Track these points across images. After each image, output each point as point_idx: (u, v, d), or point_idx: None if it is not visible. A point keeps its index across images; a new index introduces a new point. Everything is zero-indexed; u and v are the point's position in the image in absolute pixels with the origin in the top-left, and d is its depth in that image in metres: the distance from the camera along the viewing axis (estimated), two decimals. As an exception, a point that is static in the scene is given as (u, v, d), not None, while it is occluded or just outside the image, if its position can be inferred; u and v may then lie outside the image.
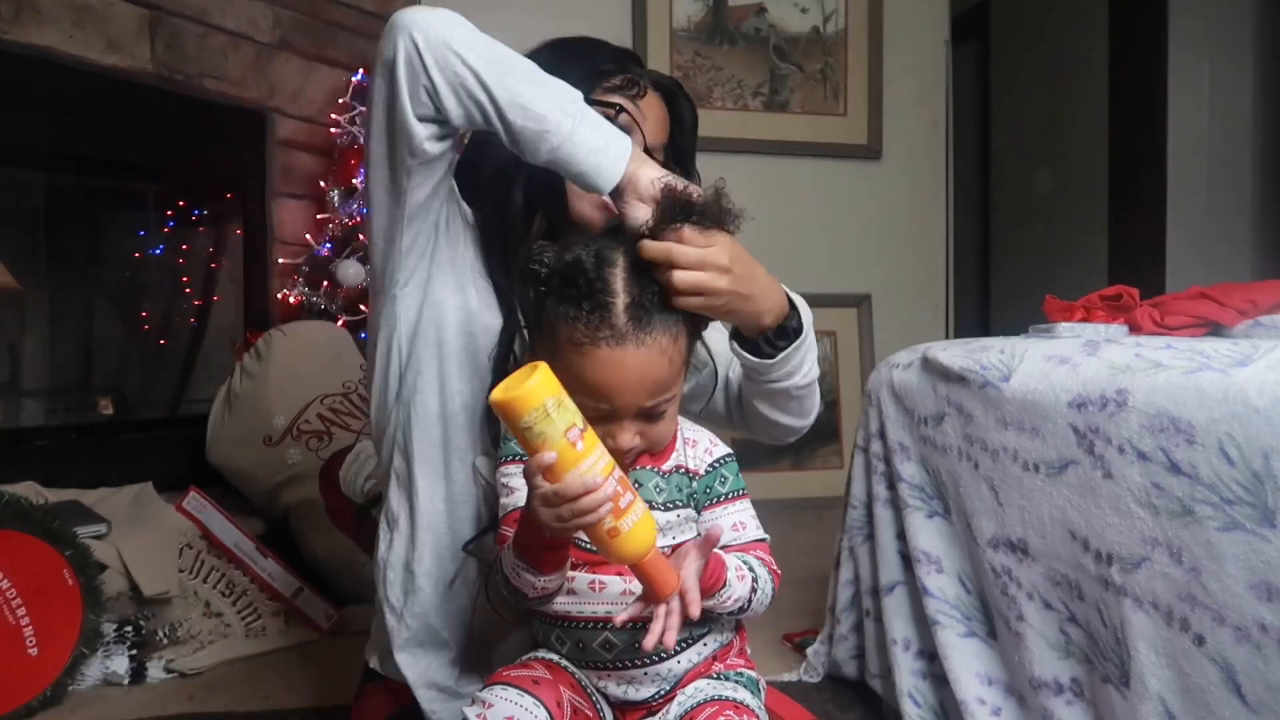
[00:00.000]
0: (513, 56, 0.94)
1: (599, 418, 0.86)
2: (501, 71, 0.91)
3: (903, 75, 3.29)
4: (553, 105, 0.91)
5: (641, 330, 0.85)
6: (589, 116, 0.93)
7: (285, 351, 2.11)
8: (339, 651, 1.78)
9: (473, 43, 0.91)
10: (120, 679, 1.63)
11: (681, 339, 0.89)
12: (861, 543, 1.59)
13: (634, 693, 0.91)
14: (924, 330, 3.17)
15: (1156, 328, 1.33)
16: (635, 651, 0.89)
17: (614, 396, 0.85)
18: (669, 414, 0.91)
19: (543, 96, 0.91)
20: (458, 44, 0.90)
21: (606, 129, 0.94)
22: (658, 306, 0.87)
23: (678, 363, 0.89)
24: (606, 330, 0.84)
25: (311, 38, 2.52)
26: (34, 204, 2.26)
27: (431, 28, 0.90)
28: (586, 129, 0.92)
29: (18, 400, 2.26)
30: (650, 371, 0.85)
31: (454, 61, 0.90)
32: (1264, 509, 0.91)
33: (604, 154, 0.92)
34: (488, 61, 0.91)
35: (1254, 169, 3.45)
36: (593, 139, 0.92)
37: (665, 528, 0.91)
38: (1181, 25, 3.37)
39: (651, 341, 0.85)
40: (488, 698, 0.85)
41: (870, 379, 1.58)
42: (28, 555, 1.51)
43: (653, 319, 0.86)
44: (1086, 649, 1.14)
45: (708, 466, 0.95)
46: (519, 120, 0.91)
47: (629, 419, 0.87)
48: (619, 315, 0.85)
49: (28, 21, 1.92)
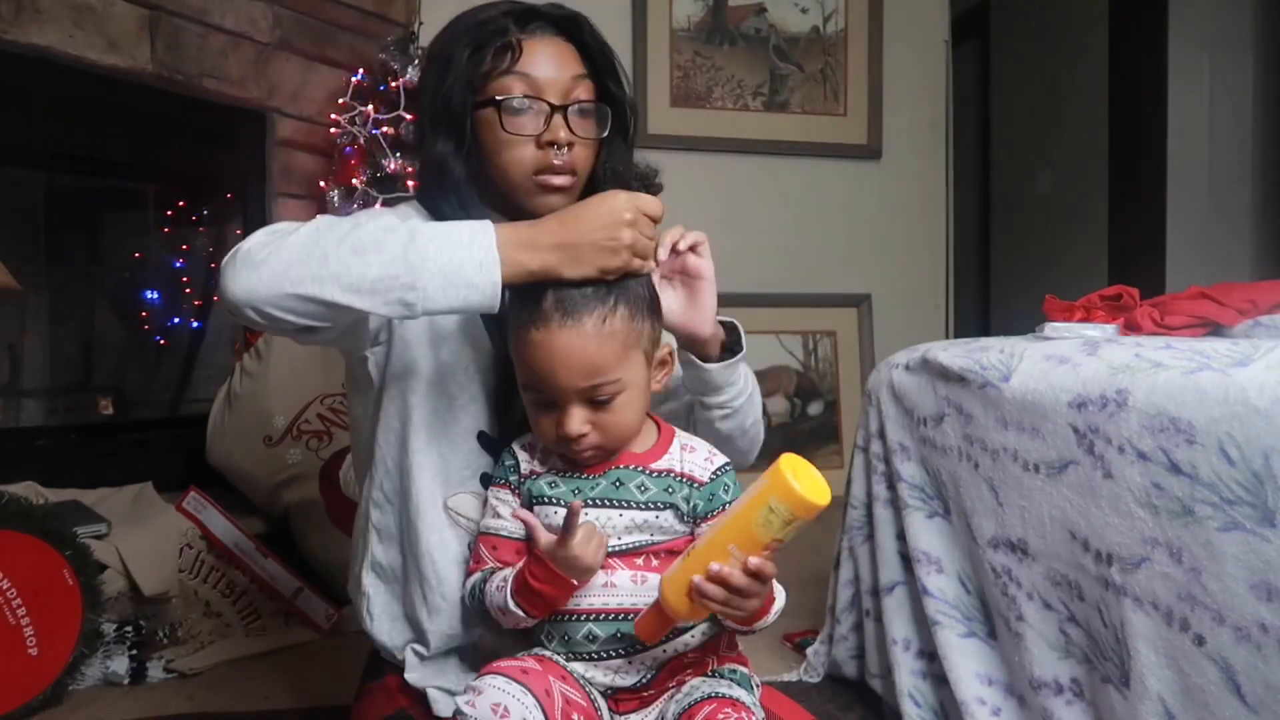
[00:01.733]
0: (321, 241, 0.85)
1: (546, 404, 0.90)
2: (321, 267, 0.84)
3: (903, 75, 3.29)
4: (385, 260, 0.84)
5: (565, 314, 0.87)
6: (424, 243, 0.86)
7: (285, 351, 2.11)
8: (339, 651, 1.78)
9: (282, 273, 0.84)
10: (120, 679, 1.63)
11: (616, 324, 0.89)
12: (861, 543, 1.59)
13: (621, 680, 0.93)
14: (924, 330, 3.17)
15: (1156, 328, 1.33)
16: (619, 641, 0.91)
17: (547, 380, 0.88)
18: (620, 404, 0.90)
19: (368, 263, 0.84)
20: (267, 288, 0.84)
21: (450, 236, 0.87)
22: (587, 293, 0.88)
23: (611, 348, 0.89)
24: (537, 314, 0.88)
25: (311, 38, 2.52)
26: (34, 204, 2.26)
27: (239, 293, 0.84)
28: (428, 260, 0.85)
29: (18, 400, 2.26)
30: (575, 352, 0.87)
31: (283, 299, 0.84)
32: (1264, 509, 0.91)
33: (465, 281, 0.85)
34: (306, 267, 0.84)
35: (1254, 168, 3.45)
36: (440, 256, 0.85)
37: (642, 526, 0.92)
38: (1182, 25, 3.37)
39: (574, 324, 0.87)
40: (478, 685, 0.86)
41: (870, 379, 1.58)
42: (28, 555, 1.51)
43: (578, 302, 0.88)
44: (1086, 649, 1.14)
45: (711, 475, 0.95)
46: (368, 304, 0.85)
47: (573, 405, 0.89)
48: (547, 299, 0.88)
49: (28, 21, 1.92)
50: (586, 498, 0.92)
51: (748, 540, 0.80)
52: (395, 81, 2.38)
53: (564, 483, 0.94)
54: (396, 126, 2.36)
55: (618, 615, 0.90)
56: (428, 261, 0.84)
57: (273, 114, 2.45)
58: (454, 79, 1.02)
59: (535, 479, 0.95)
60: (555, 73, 1.03)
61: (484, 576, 0.95)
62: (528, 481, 0.96)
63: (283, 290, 0.83)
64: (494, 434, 1.04)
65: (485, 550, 0.97)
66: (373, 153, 2.36)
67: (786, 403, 3.19)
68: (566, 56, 1.04)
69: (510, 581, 0.91)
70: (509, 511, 0.96)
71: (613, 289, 0.90)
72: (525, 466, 0.97)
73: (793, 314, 3.18)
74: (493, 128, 1.02)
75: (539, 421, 0.93)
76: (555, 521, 0.91)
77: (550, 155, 1.02)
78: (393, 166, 2.32)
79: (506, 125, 1.01)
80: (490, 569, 0.95)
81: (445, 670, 1.07)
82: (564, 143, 1.02)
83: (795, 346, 3.22)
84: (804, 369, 3.22)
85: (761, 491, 0.80)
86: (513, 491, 0.97)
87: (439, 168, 1.03)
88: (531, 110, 1.01)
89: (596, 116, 1.06)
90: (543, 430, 0.93)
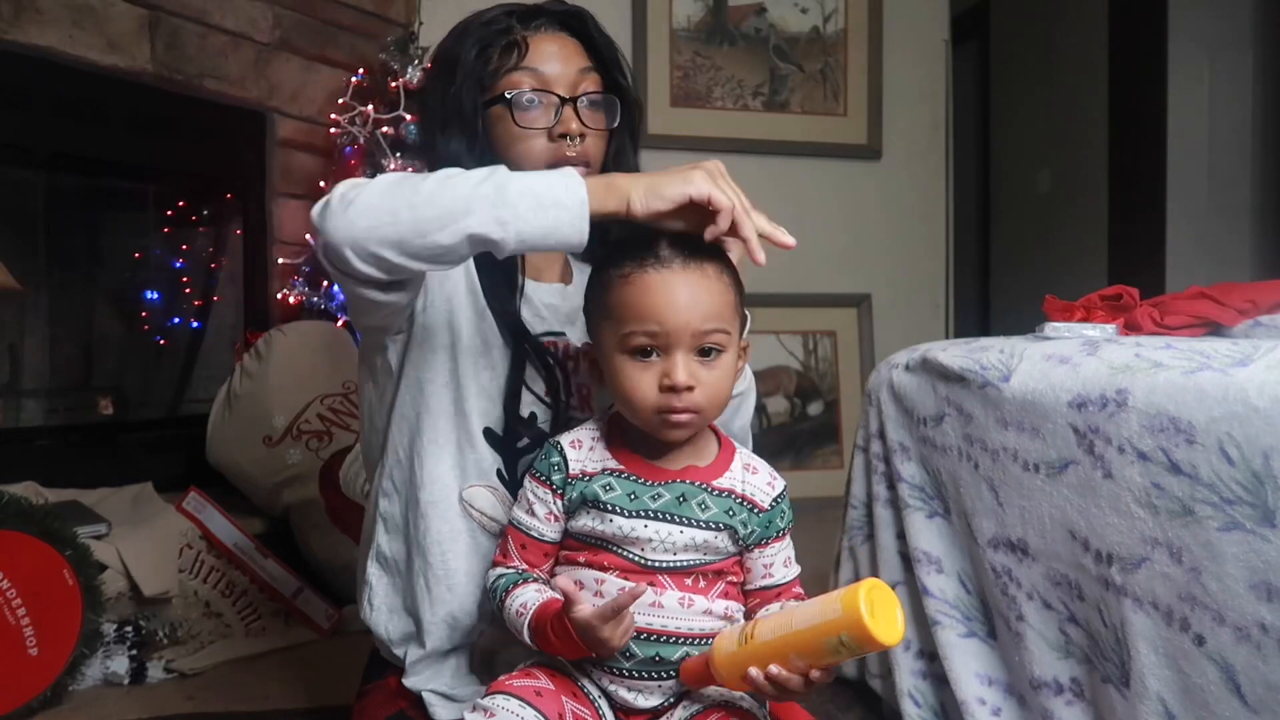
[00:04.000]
0: (404, 187, 0.85)
1: (654, 347, 0.87)
2: (405, 207, 0.84)
3: (903, 75, 3.28)
4: (472, 184, 0.84)
5: (686, 257, 0.87)
6: (509, 177, 0.86)
7: (285, 351, 2.11)
8: (339, 651, 1.78)
9: (370, 210, 0.84)
10: (120, 679, 1.63)
11: (729, 278, 0.90)
12: (861, 543, 1.59)
13: (641, 700, 0.91)
14: (924, 330, 3.17)
15: (1156, 328, 1.33)
16: (655, 665, 0.89)
17: (666, 316, 0.86)
18: (723, 363, 0.89)
19: (457, 186, 0.85)
20: (359, 225, 0.84)
21: (537, 179, 0.86)
22: (702, 244, 0.88)
23: (728, 300, 0.89)
24: (652, 259, 0.87)
25: (311, 38, 2.52)
26: (34, 204, 2.26)
27: (333, 232, 0.84)
28: (514, 188, 0.84)
29: (18, 400, 2.26)
30: (700, 293, 0.87)
31: (365, 242, 0.84)
32: (1264, 509, 0.91)
33: (553, 200, 0.84)
34: (390, 213, 0.84)
35: (1254, 168, 3.45)
36: (529, 194, 0.84)
37: (700, 546, 0.89)
38: (1181, 25, 3.37)
39: (696, 266, 0.87)
40: (489, 706, 0.85)
41: (870, 379, 1.58)
42: (28, 555, 1.51)
43: (697, 252, 0.88)
44: (1086, 649, 1.14)
45: (772, 501, 0.93)
46: (446, 237, 0.84)
47: (682, 350, 0.86)
48: (664, 247, 0.87)
49: (28, 22, 1.92)
50: (648, 509, 0.88)
51: (812, 656, 0.80)
52: (395, 81, 2.38)
53: (620, 485, 0.90)
54: (396, 126, 2.36)
55: (660, 637, 0.87)
56: (515, 183, 0.84)
57: (273, 114, 2.45)
58: (462, 79, 1.03)
59: (588, 481, 0.91)
60: (562, 67, 1.04)
61: (509, 583, 0.92)
62: (577, 483, 0.91)
63: (380, 220, 0.83)
64: (500, 431, 1.04)
65: (514, 545, 0.94)
66: (373, 153, 2.36)
67: (786, 403, 3.19)
68: (572, 51, 1.06)
69: (530, 618, 0.88)
70: (545, 513, 0.92)
71: (719, 253, 0.90)
72: (575, 466, 0.92)
73: (792, 314, 3.18)
74: (503, 123, 1.04)
75: (637, 380, 0.87)
76: (608, 531, 0.88)
77: (563, 147, 1.03)
78: (393, 166, 2.32)
79: (518, 120, 1.03)
80: (516, 575, 0.93)
81: (442, 672, 1.06)
82: (576, 134, 1.04)
83: (795, 346, 3.22)
84: (804, 369, 3.22)
85: (836, 621, 0.77)
86: (554, 492, 0.92)
87: (453, 166, 1.04)
88: (541, 104, 1.03)
89: (605, 108, 1.08)
90: (639, 390, 0.87)
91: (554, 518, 0.92)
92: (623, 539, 0.88)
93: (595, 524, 0.90)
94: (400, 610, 1.07)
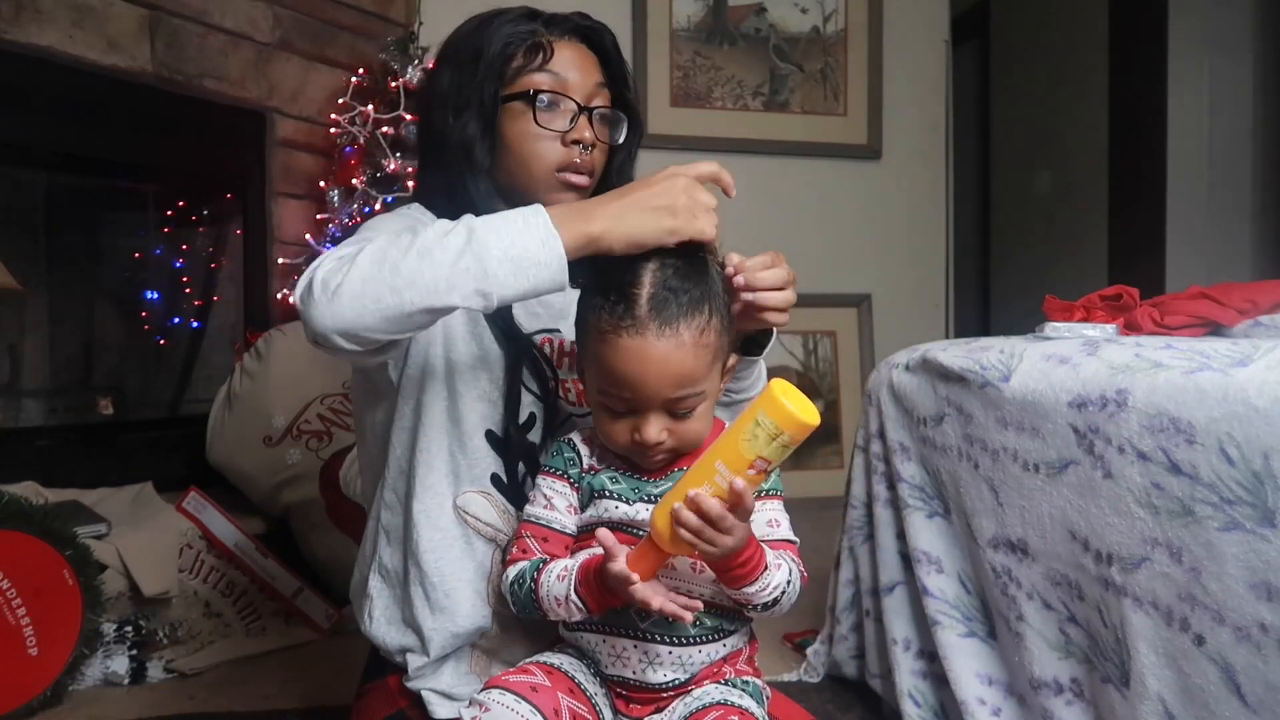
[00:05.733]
0: (389, 256, 0.84)
1: (626, 409, 0.89)
2: (391, 278, 0.83)
3: (903, 75, 3.29)
4: (452, 257, 0.83)
5: (663, 322, 0.86)
6: (482, 234, 0.85)
7: (285, 351, 2.11)
8: (339, 651, 1.78)
9: (359, 289, 0.84)
10: (120, 679, 1.63)
11: (710, 337, 0.89)
12: (861, 543, 1.59)
13: (651, 674, 0.92)
14: (924, 330, 3.17)
15: (1156, 328, 1.32)
16: (668, 627, 0.90)
17: (636, 386, 0.87)
18: (699, 413, 0.90)
19: (438, 263, 0.83)
20: (346, 308, 0.84)
21: (505, 222, 0.86)
22: (684, 301, 0.87)
23: (704, 360, 0.89)
24: (629, 320, 0.86)
25: (311, 38, 2.52)
26: (34, 204, 2.26)
27: (319, 321, 0.84)
28: (484, 246, 0.84)
29: (18, 400, 2.26)
30: (672, 364, 0.86)
31: (358, 316, 0.84)
32: (1264, 509, 0.91)
33: (532, 260, 0.84)
34: (376, 284, 0.83)
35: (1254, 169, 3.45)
36: (507, 261, 0.83)
37: None
38: (1181, 25, 3.37)
39: (672, 333, 0.86)
40: (485, 700, 0.85)
41: (870, 379, 1.58)
42: (28, 555, 1.51)
43: (676, 312, 0.87)
44: (1086, 649, 1.14)
45: None
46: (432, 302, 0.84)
47: (654, 412, 0.88)
48: (641, 305, 0.86)
49: (28, 21, 1.92)
50: (647, 494, 0.92)
51: (734, 457, 0.80)
52: (395, 81, 2.38)
53: (624, 479, 0.94)
54: (396, 126, 2.36)
55: None
56: (492, 249, 0.84)
57: (272, 114, 2.45)
58: (485, 70, 1.04)
59: (595, 474, 0.95)
60: (581, 77, 1.07)
61: (535, 566, 0.93)
62: (589, 476, 0.95)
63: (364, 308, 0.83)
64: (500, 433, 1.04)
65: (534, 541, 0.95)
66: (373, 153, 2.36)
67: (786, 403, 3.19)
68: (590, 63, 1.09)
69: (574, 576, 0.88)
70: (565, 505, 0.95)
71: (707, 297, 0.89)
72: (587, 461, 0.96)
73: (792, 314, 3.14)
74: (521, 120, 1.05)
75: (611, 426, 0.91)
76: (614, 516, 0.91)
77: (574, 153, 1.05)
78: (393, 166, 2.32)
79: (539, 119, 1.04)
80: (540, 560, 0.93)
81: (441, 672, 1.06)
82: (589, 143, 1.06)
83: (795, 346, 3.22)
84: (804, 369, 3.22)
85: (751, 409, 0.80)
86: (571, 485, 0.95)
87: (465, 151, 1.04)
88: (560, 108, 1.05)
89: (613, 124, 1.10)
90: (614, 435, 0.91)
91: (574, 510, 0.95)
92: (629, 522, 0.91)
93: (603, 513, 0.92)
94: (399, 622, 1.08)
